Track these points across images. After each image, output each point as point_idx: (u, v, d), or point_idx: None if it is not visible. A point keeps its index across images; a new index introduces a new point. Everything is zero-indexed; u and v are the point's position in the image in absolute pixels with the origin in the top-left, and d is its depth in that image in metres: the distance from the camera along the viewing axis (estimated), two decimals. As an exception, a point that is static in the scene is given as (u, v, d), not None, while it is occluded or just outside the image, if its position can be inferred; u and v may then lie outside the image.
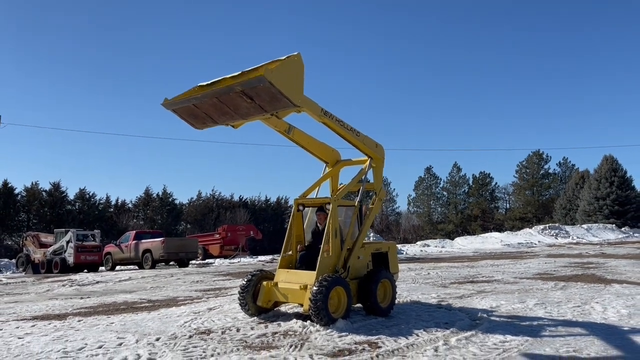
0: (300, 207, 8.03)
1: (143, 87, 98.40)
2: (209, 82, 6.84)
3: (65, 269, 24.85)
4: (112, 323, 7.57)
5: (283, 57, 6.30)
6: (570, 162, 65.95)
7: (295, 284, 7.12)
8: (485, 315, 7.46)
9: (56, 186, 51.79)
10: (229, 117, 6.80)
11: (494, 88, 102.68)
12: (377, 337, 6.14)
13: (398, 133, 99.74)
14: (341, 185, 8.28)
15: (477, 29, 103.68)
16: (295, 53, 6.30)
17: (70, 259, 24.96)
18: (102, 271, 24.00)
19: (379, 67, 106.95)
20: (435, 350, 5.49)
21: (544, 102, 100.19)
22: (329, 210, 7.44)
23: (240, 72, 6.55)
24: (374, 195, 8.38)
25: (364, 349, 5.60)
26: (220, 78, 6.73)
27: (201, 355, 5.45)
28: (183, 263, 24.71)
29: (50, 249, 26.48)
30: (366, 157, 8.09)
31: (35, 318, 8.45)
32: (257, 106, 6.38)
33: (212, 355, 5.42)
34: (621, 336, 6.09)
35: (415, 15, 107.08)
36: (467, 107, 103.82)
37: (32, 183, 50.80)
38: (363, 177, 8.01)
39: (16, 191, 49.12)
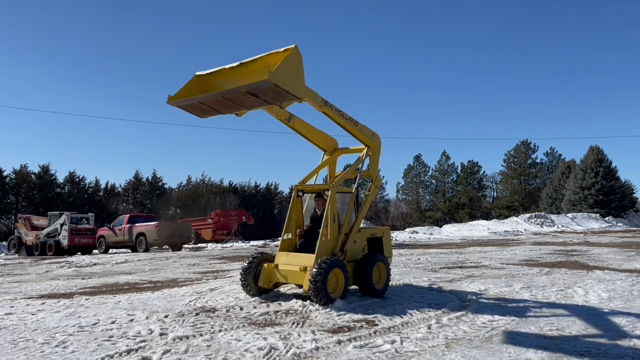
0: (300, 193, 8.38)
1: (132, 71, 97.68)
2: (208, 72, 7.05)
3: (60, 251, 25.06)
4: (119, 301, 7.91)
5: (281, 50, 6.48)
6: (557, 152, 66.81)
7: (295, 266, 7.48)
8: (474, 297, 7.88)
9: (45, 169, 51.54)
10: (234, 109, 7.03)
11: (483, 79, 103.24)
12: (373, 316, 6.52)
13: (388, 121, 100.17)
14: (339, 173, 8.63)
15: (468, 23, 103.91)
16: (292, 46, 6.42)
17: (65, 242, 25.15)
18: (95, 254, 24.22)
19: (371, 57, 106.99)
20: (429, 328, 5.88)
21: (533, 93, 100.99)
22: (327, 196, 7.79)
23: (239, 63, 6.74)
24: (370, 182, 8.74)
25: (362, 326, 5.98)
26: (219, 68, 6.92)
27: (210, 330, 5.80)
28: (176, 247, 24.98)
29: (44, 232, 26.62)
30: (363, 146, 8.40)
31: (42, 297, 8.76)
32: (262, 100, 6.62)
33: (220, 331, 5.77)
34: (601, 317, 6.50)
35: (408, 8, 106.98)
36: (457, 97, 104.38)
37: (21, 165, 50.58)
38: (360, 165, 8.36)
39: (4, 173, 48.84)
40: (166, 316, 6.59)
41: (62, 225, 25.76)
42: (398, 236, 31.39)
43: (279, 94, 6.29)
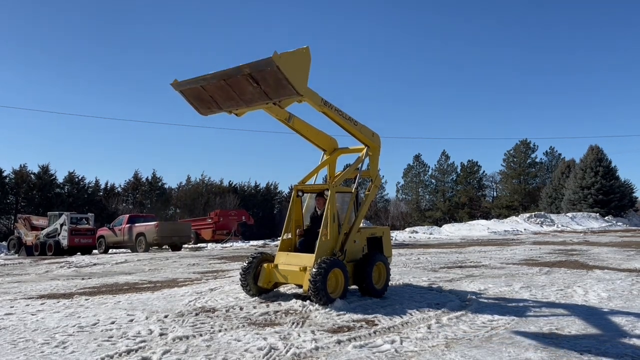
0: (300, 193, 8.39)
1: (133, 71, 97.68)
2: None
3: (59, 251, 25.05)
4: (119, 302, 7.91)
5: (292, 50, 6.58)
6: (556, 151, 66.71)
7: (295, 266, 7.48)
8: (474, 297, 7.88)
9: (45, 169, 51.43)
10: (233, 102, 7.02)
11: (483, 78, 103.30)
12: (373, 315, 6.52)
13: (388, 121, 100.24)
14: (339, 173, 8.63)
15: (468, 22, 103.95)
16: (305, 46, 6.55)
17: (65, 242, 25.15)
18: (95, 254, 24.21)
19: (371, 56, 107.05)
20: (429, 328, 5.88)
21: (533, 92, 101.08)
22: (327, 196, 7.79)
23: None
24: (370, 182, 8.74)
25: (361, 326, 5.99)
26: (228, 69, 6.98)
27: (209, 330, 5.80)
28: (176, 247, 24.95)
29: (44, 232, 26.62)
30: (363, 146, 8.40)
31: (42, 297, 8.76)
32: (261, 92, 6.61)
33: (219, 331, 5.77)
34: (601, 317, 6.51)
35: (408, 6, 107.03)
36: (456, 96, 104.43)
37: (21, 165, 50.49)
38: (360, 165, 8.36)
39: (4, 173, 48.73)
40: (166, 316, 6.60)
41: (61, 225, 25.76)
42: (398, 236, 31.38)
43: (279, 83, 6.30)
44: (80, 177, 54.21)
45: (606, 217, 43.81)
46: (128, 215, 27.63)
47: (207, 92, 6.99)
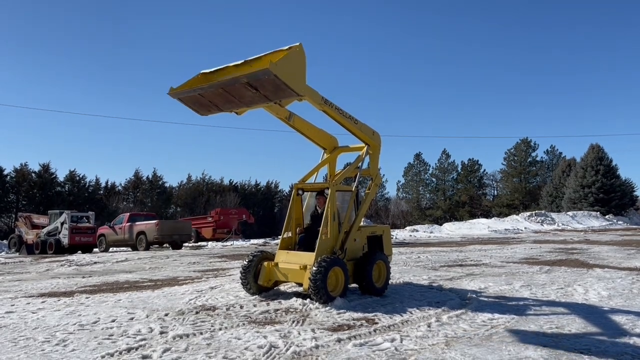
0: (300, 192, 8.38)
1: (133, 70, 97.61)
2: (212, 69, 7.08)
3: (60, 250, 25.04)
4: (119, 300, 7.92)
5: (285, 48, 6.52)
6: (557, 150, 66.72)
7: (295, 264, 7.48)
8: (474, 295, 7.88)
9: (45, 168, 51.41)
10: (233, 105, 7.00)
11: (483, 77, 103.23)
12: (373, 314, 6.53)
13: (388, 119, 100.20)
14: (339, 171, 8.63)
15: (469, 22, 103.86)
16: (297, 44, 6.47)
17: (65, 240, 25.13)
18: (96, 252, 24.21)
19: (372, 55, 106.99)
20: (429, 326, 5.88)
21: (533, 91, 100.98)
22: (327, 194, 7.78)
23: (243, 61, 6.80)
24: (370, 180, 8.74)
25: (362, 325, 5.99)
26: (223, 66, 6.96)
27: (210, 328, 5.80)
28: (177, 245, 24.96)
29: (45, 230, 26.61)
30: (363, 144, 8.40)
31: (43, 295, 8.77)
32: (261, 96, 6.58)
33: (220, 329, 5.78)
34: (601, 315, 6.51)
35: (409, 5, 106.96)
36: (458, 95, 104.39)
37: (21, 164, 50.49)
38: (360, 164, 8.36)
39: (5, 172, 48.74)
40: (166, 314, 6.61)
41: (62, 223, 25.74)
42: (398, 234, 31.37)
43: (278, 88, 6.26)
44: (80, 176, 54.21)
45: (607, 216, 43.82)
46: (129, 213, 27.64)
47: (206, 98, 6.95)
